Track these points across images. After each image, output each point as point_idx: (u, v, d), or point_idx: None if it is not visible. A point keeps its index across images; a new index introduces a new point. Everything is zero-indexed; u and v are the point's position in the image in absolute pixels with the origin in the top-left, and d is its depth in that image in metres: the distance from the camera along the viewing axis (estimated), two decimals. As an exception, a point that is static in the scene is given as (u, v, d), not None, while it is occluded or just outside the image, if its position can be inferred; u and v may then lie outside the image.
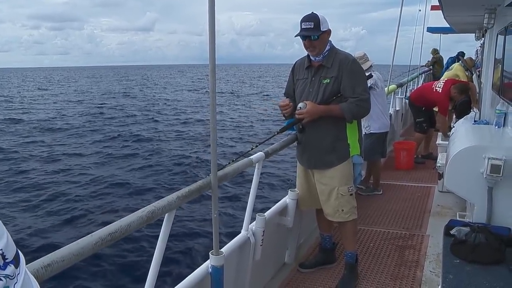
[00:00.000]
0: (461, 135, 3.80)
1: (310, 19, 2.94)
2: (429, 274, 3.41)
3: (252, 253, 2.86)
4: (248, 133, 16.91)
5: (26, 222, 7.39)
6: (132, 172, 10.81)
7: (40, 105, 29.50)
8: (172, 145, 14.52)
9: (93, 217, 7.59)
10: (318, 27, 2.93)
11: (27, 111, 25.78)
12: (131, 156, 12.69)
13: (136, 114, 23.13)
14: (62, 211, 7.94)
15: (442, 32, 11.17)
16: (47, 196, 8.87)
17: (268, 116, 21.75)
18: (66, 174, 10.75)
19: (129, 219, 1.71)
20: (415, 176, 6.19)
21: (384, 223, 4.53)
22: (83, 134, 17.01)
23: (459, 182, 3.13)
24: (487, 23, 4.40)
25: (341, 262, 3.52)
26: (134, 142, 15.11)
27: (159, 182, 9.85)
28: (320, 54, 3.03)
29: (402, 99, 8.77)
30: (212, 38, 1.93)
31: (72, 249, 1.42)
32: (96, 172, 10.85)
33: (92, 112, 24.33)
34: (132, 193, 8.98)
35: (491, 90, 4.56)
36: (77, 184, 9.72)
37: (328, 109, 3.00)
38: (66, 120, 21.09)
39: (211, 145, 2.13)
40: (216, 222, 2.24)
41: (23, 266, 0.72)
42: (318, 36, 2.94)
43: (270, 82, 60.02)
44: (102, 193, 9.04)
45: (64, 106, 28.92)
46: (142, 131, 17.37)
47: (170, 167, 11.22)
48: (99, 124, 19.80)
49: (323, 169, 3.14)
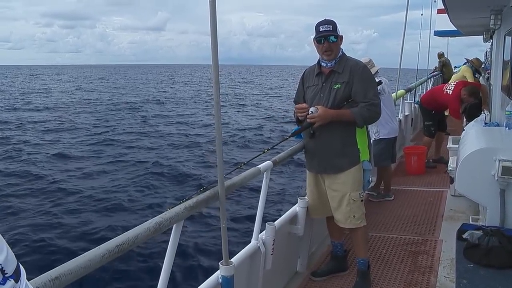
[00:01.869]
0: (471, 137, 3.76)
1: (328, 23, 3.03)
2: (443, 279, 3.35)
3: (263, 263, 2.84)
4: (257, 138, 16.88)
5: (33, 232, 7.41)
6: (135, 182, 10.76)
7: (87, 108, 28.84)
8: (179, 153, 14.51)
9: (98, 230, 7.57)
10: (336, 30, 3.03)
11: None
12: (134, 165, 12.64)
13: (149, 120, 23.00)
14: (69, 223, 7.93)
15: (449, 35, 11.12)
16: (53, 205, 8.89)
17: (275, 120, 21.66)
18: (71, 181, 10.75)
19: (136, 231, 1.71)
20: (426, 181, 6.12)
21: (396, 229, 4.48)
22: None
23: (471, 185, 3.09)
24: (493, 24, 4.37)
25: (353, 269, 3.48)
26: (137, 150, 15.06)
27: (165, 192, 9.83)
28: (333, 60, 3.06)
29: (411, 103, 8.73)
30: (214, 42, 1.94)
31: (80, 262, 1.42)
32: (98, 182, 10.85)
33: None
34: (138, 205, 8.95)
35: (501, 92, 4.52)
36: (81, 194, 9.71)
37: (339, 113, 3.00)
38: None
39: (217, 154, 2.13)
40: (225, 232, 2.24)
41: (23, 280, 0.72)
42: (336, 39, 3.02)
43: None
44: (108, 204, 9.03)
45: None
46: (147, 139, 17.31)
47: (176, 176, 11.21)
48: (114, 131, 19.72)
49: (333, 173, 3.13)
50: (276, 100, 34.59)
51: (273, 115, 23.86)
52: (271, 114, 24.25)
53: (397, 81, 7.29)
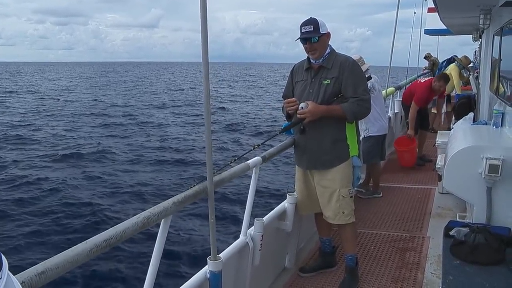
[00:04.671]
0: (459, 135, 3.79)
1: (309, 23, 3.00)
2: (430, 276, 3.39)
3: (251, 258, 2.84)
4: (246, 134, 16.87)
5: (18, 228, 7.34)
6: (125, 177, 10.70)
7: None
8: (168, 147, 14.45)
9: (87, 223, 7.53)
10: (318, 29, 2.99)
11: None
12: (124, 161, 12.55)
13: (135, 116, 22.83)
14: (56, 217, 7.85)
15: (439, 34, 11.18)
16: (41, 201, 8.81)
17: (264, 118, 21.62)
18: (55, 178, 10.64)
19: (124, 225, 1.69)
20: (415, 178, 6.17)
21: (384, 225, 4.51)
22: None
23: (458, 183, 3.12)
24: (483, 24, 4.40)
25: (341, 265, 3.50)
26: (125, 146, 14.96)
27: (154, 187, 9.79)
28: (320, 57, 3.06)
29: (401, 101, 8.77)
30: (204, 40, 1.93)
31: (67, 256, 1.40)
32: (86, 175, 10.75)
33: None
34: (126, 199, 8.91)
35: (489, 91, 4.56)
36: (68, 189, 9.63)
37: (329, 109, 3.00)
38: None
39: (206, 149, 2.12)
40: (213, 227, 2.23)
41: (5, 270, 0.71)
42: (318, 38, 2.99)
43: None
44: (97, 198, 8.97)
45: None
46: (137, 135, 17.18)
47: (166, 171, 11.17)
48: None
49: (323, 169, 3.13)
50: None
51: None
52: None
53: (387, 79, 7.33)
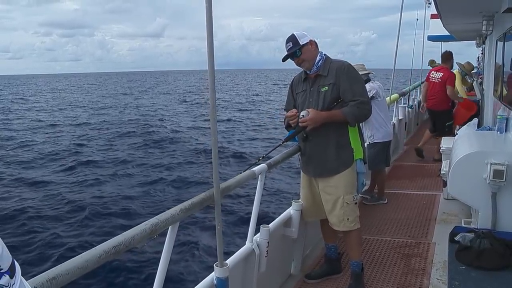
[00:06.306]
0: (463, 141, 3.80)
1: (288, 40, 3.09)
2: (436, 282, 3.38)
3: (257, 265, 2.86)
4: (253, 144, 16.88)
5: (30, 232, 7.40)
6: (132, 185, 10.75)
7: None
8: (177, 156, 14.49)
9: (96, 230, 7.58)
10: (297, 43, 3.06)
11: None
12: (132, 169, 12.62)
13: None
14: (67, 224, 7.93)
15: (442, 40, 11.17)
16: (53, 207, 8.89)
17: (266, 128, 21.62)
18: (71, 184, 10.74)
19: (132, 232, 1.72)
20: (420, 184, 6.17)
21: (389, 232, 4.51)
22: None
23: (463, 188, 3.13)
24: (485, 30, 4.43)
25: (347, 272, 3.50)
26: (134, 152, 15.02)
27: (161, 195, 9.84)
28: (313, 66, 3.11)
29: (405, 107, 8.77)
30: (210, 46, 1.96)
31: (77, 262, 1.43)
32: (95, 184, 10.82)
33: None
34: (134, 207, 8.95)
35: (493, 96, 4.58)
36: (79, 197, 9.71)
37: (330, 114, 3.03)
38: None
39: (213, 157, 2.15)
40: (220, 234, 2.25)
41: (18, 276, 0.73)
42: (300, 51, 3.06)
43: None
44: (106, 206, 9.03)
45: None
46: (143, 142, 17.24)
47: (173, 179, 11.20)
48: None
49: (327, 176, 3.15)
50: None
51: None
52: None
53: (390, 85, 7.35)
